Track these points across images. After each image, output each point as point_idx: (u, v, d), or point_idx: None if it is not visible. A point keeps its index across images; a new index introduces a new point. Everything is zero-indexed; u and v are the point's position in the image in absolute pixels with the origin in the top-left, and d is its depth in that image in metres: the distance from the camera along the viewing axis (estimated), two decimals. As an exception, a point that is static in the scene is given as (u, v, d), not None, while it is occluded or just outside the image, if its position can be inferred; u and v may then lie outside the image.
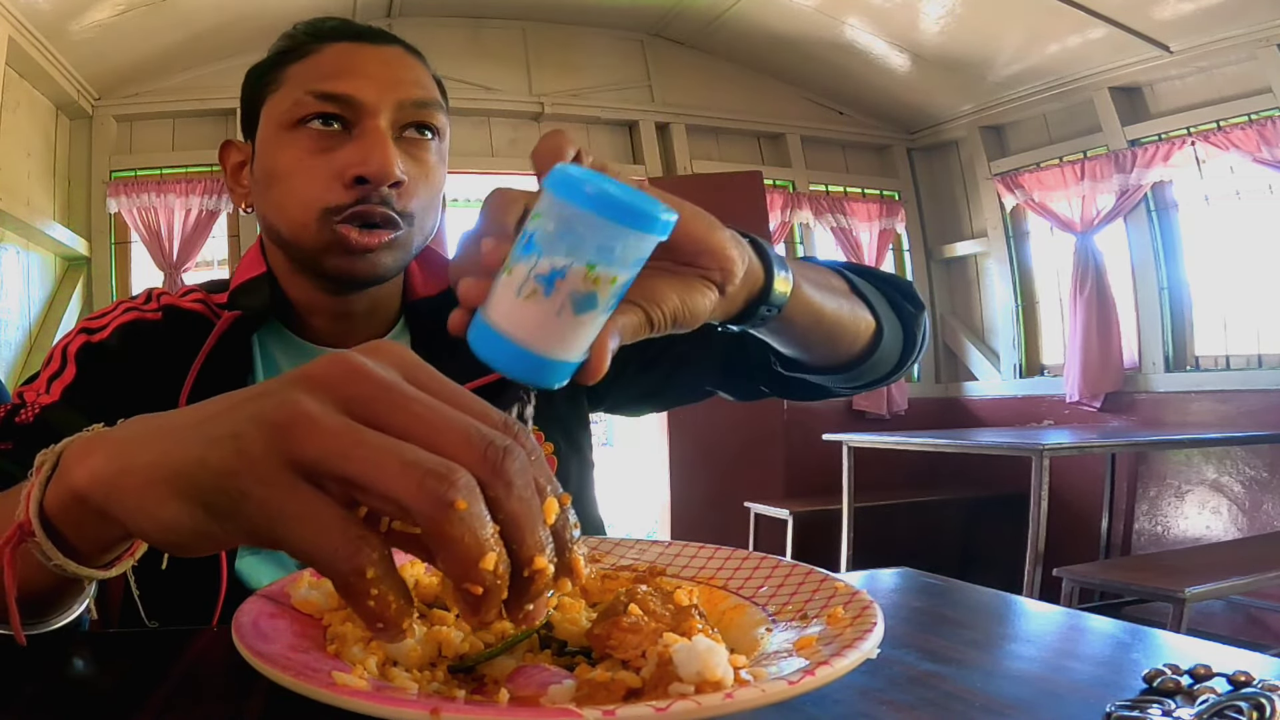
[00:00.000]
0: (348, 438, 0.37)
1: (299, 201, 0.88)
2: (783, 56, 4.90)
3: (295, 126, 0.88)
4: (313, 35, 0.92)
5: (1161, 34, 3.95)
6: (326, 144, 0.88)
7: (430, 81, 0.94)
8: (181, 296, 0.97)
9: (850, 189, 5.32)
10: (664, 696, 0.37)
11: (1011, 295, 5.05)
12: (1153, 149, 4.20)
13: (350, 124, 0.88)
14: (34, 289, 3.78)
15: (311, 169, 0.87)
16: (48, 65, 3.59)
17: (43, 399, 0.85)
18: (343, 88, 0.87)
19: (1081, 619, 0.68)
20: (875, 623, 0.44)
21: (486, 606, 0.36)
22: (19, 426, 0.83)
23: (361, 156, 0.86)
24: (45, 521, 0.47)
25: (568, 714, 0.34)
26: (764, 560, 0.59)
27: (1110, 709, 0.44)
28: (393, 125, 0.89)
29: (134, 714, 0.44)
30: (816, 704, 0.45)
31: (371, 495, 0.36)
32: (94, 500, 0.44)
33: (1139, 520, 4.35)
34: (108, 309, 0.95)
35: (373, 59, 0.90)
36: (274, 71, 0.92)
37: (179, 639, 0.57)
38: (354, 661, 0.42)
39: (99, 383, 0.88)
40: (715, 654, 0.37)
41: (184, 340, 0.91)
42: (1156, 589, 2.66)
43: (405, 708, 0.34)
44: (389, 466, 0.36)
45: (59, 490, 0.46)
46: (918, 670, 0.53)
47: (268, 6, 3.88)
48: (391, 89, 0.89)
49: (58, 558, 0.47)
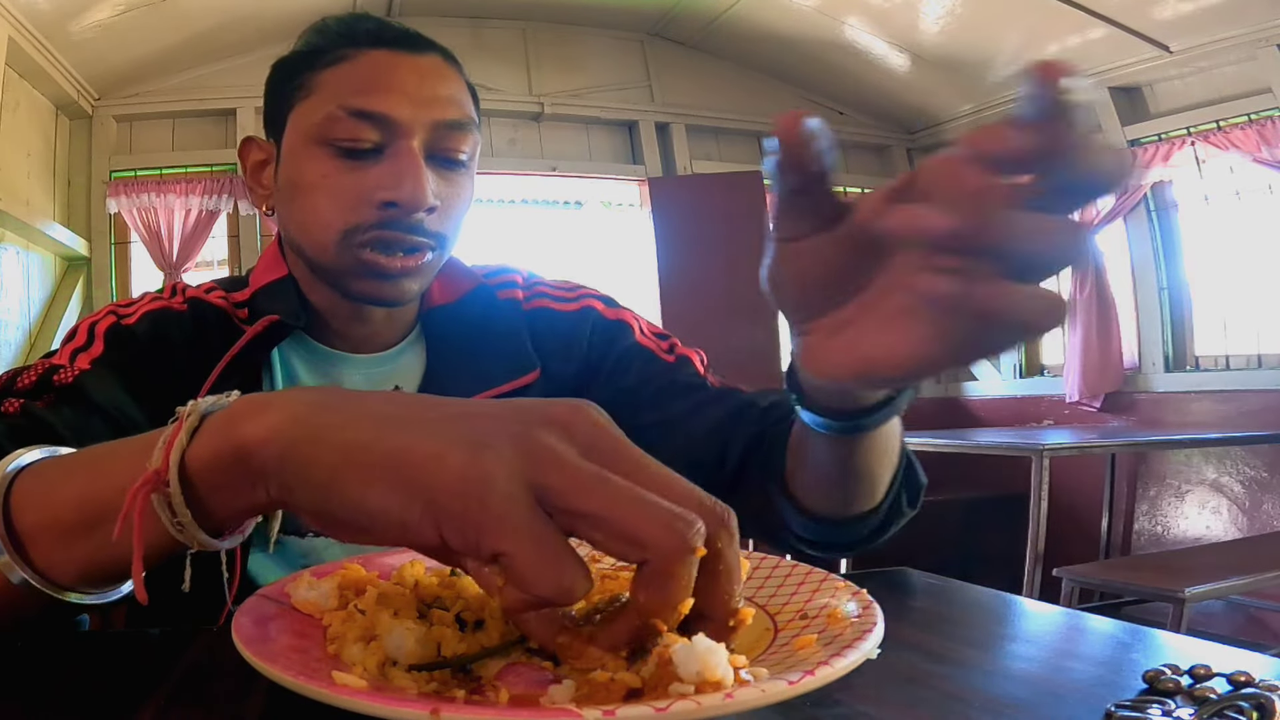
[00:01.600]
0: (592, 476, 0.38)
1: (321, 221, 0.86)
2: (782, 56, 4.90)
3: (325, 141, 0.85)
4: (348, 38, 0.88)
5: (1161, 34, 3.94)
6: (356, 163, 0.85)
7: (466, 95, 0.91)
8: (205, 293, 0.94)
9: (850, 189, 5.31)
10: (664, 696, 0.36)
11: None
12: (1152, 149, 4.19)
13: (382, 143, 0.85)
14: (34, 289, 3.77)
15: (338, 188, 0.85)
16: (48, 65, 3.59)
17: (79, 363, 0.82)
18: (378, 105, 0.83)
19: (1081, 619, 0.68)
20: (875, 623, 0.43)
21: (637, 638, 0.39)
22: (58, 386, 0.79)
23: (394, 180, 0.83)
24: (183, 476, 0.45)
25: (568, 714, 0.33)
26: (764, 560, 0.58)
27: (1110, 709, 0.44)
28: (425, 145, 0.86)
29: (134, 714, 0.44)
30: (817, 704, 0.45)
31: (606, 531, 0.37)
32: (259, 461, 0.43)
33: (1139, 520, 4.34)
34: (136, 298, 0.93)
35: (410, 71, 0.86)
36: (304, 74, 0.88)
37: (180, 639, 0.57)
38: (353, 661, 0.42)
39: (124, 364, 0.85)
40: (715, 654, 0.37)
41: (207, 336, 0.89)
42: (1156, 589, 2.65)
43: (405, 707, 0.34)
44: (634, 507, 0.37)
45: (214, 445, 0.45)
46: (917, 670, 0.52)
47: (267, 7, 3.88)
48: (428, 108, 0.85)
49: (185, 514, 0.45)
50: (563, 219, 4.91)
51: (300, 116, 0.88)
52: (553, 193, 4.84)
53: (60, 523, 0.48)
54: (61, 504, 0.48)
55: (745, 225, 4.60)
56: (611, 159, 4.90)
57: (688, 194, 4.72)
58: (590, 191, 4.91)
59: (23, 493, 0.50)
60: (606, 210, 4.95)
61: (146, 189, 4.06)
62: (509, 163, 4.58)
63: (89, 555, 0.49)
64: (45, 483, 0.50)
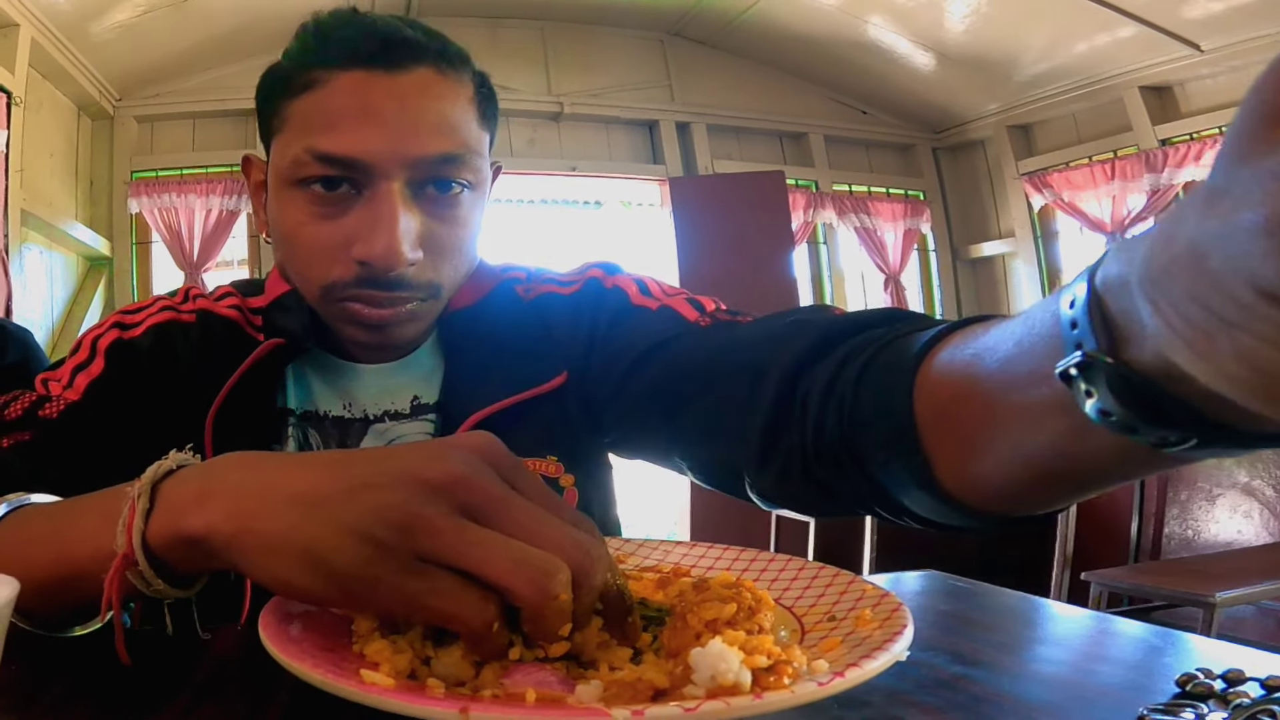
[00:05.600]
0: (463, 536, 0.43)
1: (301, 274, 0.82)
2: (804, 56, 4.88)
3: (297, 184, 0.78)
4: (319, 56, 0.78)
5: (1192, 33, 3.91)
6: (330, 209, 0.78)
7: (463, 112, 0.80)
8: (216, 300, 0.91)
9: (874, 189, 5.27)
10: (685, 698, 0.37)
11: (1040, 295, 4.97)
12: (1184, 148, 4.16)
13: (359, 184, 0.77)
14: (57, 289, 3.81)
15: (313, 241, 0.79)
16: (69, 66, 3.62)
17: (67, 394, 0.81)
18: (346, 147, 0.75)
19: (1111, 623, 0.67)
20: (905, 625, 0.43)
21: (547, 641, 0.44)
22: (42, 420, 0.78)
23: (367, 233, 0.76)
24: (148, 551, 0.50)
25: (597, 713, 0.34)
26: (790, 562, 0.58)
27: (1142, 713, 0.43)
28: (410, 183, 0.78)
29: (159, 712, 0.45)
30: (845, 705, 0.45)
31: (484, 582, 0.42)
32: (208, 547, 0.48)
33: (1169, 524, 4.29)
34: (144, 303, 0.90)
35: (388, 97, 0.76)
36: (278, 100, 0.80)
37: (201, 638, 0.59)
38: (382, 660, 0.43)
39: (124, 383, 0.83)
40: (727, 659, 0.37)
41: (215, 349, 0.86)
42: (1186, 594, 2.64)
43: (435, 705, 0.36)
44: (501, 563, 0.42)
45: (167, 529, 0.49)
46: (946, 673, 0.52)
47: (288, 6, 3.88)
48: (408, 142, 0.76)
49: (158, 584, 0.51)
50: (582, 219, 4.91)
51: (277, 152, 0.81)
52: (572, 193, 4.84)
53: (35, 581, 0.51)
54: (36, 565, 0.53)
55: (768, 225, 4.57)
56: (631, 159, 4.89)
57: (709, 193, 4.70)
58: (610, 191, 4.91)
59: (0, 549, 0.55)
60: (626, 210, 4.94)
61: (167, 189, 4.09)
62: (528, 163, 4.57)
63: (64, 606, 0.54)
64: (19, 541, 0.56)
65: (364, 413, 0.88)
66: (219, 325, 0.89)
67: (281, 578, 0.46)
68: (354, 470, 0.47)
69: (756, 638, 0.40)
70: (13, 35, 3.24)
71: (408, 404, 0.89)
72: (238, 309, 0.90)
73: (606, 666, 0.44)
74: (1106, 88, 4.43)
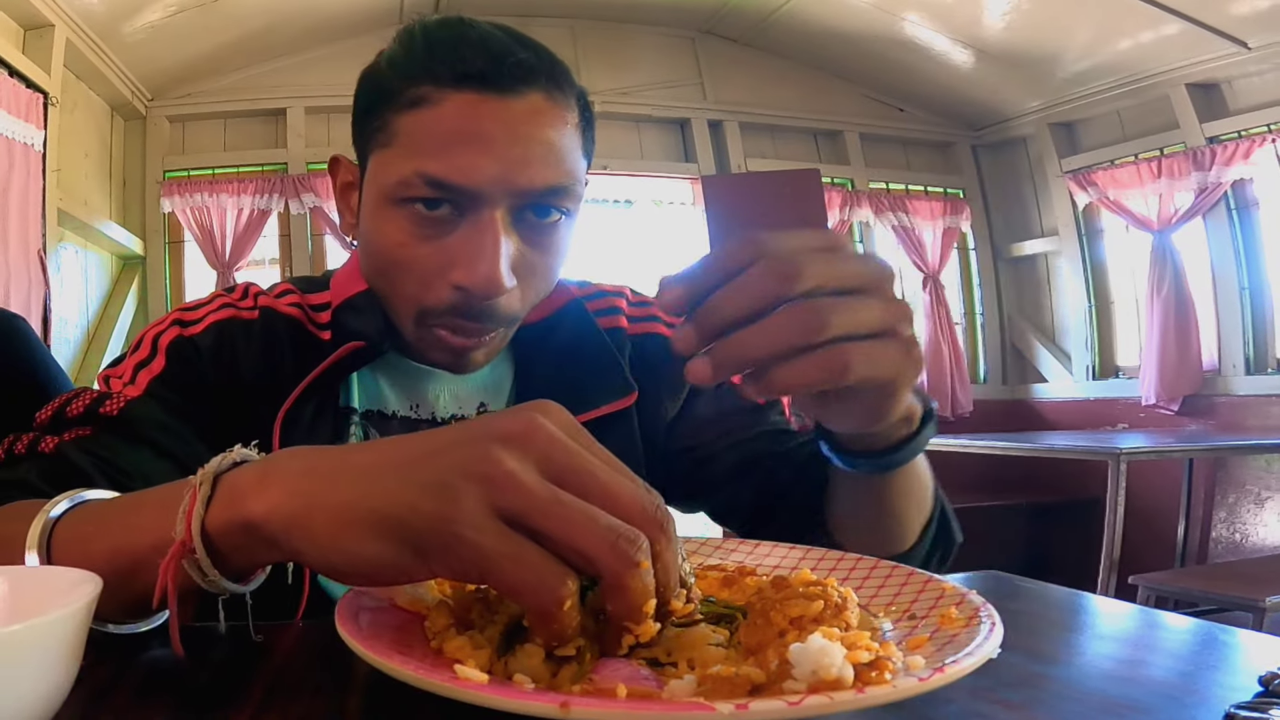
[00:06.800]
0: (547, 496, 0.43)
1: (397, 294, 0.82)
2: (839, 53, 4.82)
3: (401, 202, 0.78)
4: (429, 72, 0.76)
5: (1239, 30, 3.84)
6: (431, 230, 0.78)
7: (569, 138, 0.80)
8: (277, 297, 0.90)
9: (912, 187, 5.19)
10: (781, 694, 0.37)
11: (1084, 295, 4.90)
12: (1232, 146, 4.07)
13: (463, 208, 0.77)
14: (91, 288, 3.84)
15: (413, 261, 0.79)
16: (103, 66, 3.64)
17: (129, 390, 0.81)
18: (456, 175, 0.75)
19: (1185, 623, 0.67)
20: (995, 623, 0.44)
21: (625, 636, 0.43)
22: (102, 416, 0.78)
23: (469, 260, 0.76)
24: (206, 541, 0.50)
25: (701, 708, 0.34)
26: (860, 561, 0.59)
27: (1231, 710, 0.44)
28: (513, 210, 0.78)
29: (234, 709, 0.44)
30: (927, 703, 0.45)
31: (562, 549, 0.42)
32: (268, 531, 0.48)
33: (1216, 527, 4.21)
34: (204, 300, 0.89)
35: (499, 122, 0.75)
36: (383, 112, 0.79)
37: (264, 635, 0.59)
38: (463, 657, 0.42)
39: (185, 380, 0.83)
40: (830, 654, 0.37)
41: (278, 346, 0.86)
42: (1236, 597, 2.61)
43: (535, 700, 0.35)
44: (586, 528, 0.42)
45: (226, 516, 0.49)
46: (1027, 671, 0.52)
47: (317, 6, 3.90)
48: (515, 171, 0.76)
49: (214, 574, 0.51)
50: (614, 217, 4.86)
51: (378, 167, 0.80)
52: (603, 191, 4.79)
53: (97, 573, 0.51)
54: (97, 557, 0.52)
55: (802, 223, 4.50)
56: (663, 157, 4.85)
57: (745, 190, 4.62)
58: (641, 190, 4.86)
59: (61, 543, 0.55)
60: (658, 209, 4.89)
61: (199, 189, 4.11)
62: (560, 162, 4.53)
63: (124, 600, 0.53)
64: (80, 536, 0.55)
65: (432, 414, 0.91)
66: (281, 323, 0.88)
67: (349, 551, 0.45)
68: (427, 440, 0.47)
69: (854, 633, 0.41)
70: (48, 36, 3.25)
71: (474, 411, 0.92)
72: (299, 306, 0.90)
73: (686, 664, 0.43)
74: (1152, 85, 4.35)
